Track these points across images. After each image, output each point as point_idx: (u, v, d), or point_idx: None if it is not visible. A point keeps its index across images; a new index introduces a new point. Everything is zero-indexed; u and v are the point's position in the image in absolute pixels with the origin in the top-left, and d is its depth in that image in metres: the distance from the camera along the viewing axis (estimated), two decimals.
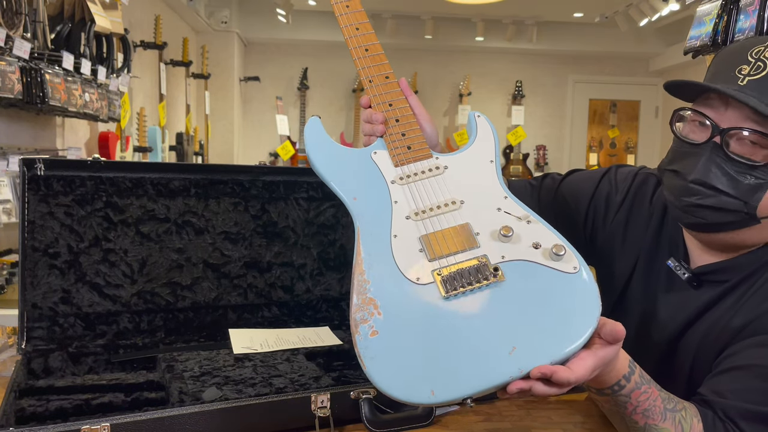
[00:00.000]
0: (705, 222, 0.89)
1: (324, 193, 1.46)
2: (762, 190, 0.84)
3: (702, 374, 0.90)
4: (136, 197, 1.30)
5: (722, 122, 0.85)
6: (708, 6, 1.84)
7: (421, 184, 0.89)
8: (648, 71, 7.04)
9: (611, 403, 0.82)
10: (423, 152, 0.93)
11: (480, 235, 0.83)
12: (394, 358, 0.73)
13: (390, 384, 0.71)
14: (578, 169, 1.22)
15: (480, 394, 0.71)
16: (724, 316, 0.91)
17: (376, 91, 0.98)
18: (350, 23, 1.01)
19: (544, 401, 1.13)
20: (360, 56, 0.99)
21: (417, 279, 0.78)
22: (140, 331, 1.29)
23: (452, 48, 6.85)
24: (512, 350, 0.72)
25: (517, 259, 0.79)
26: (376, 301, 0.76)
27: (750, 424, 0.81)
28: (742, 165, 0.84)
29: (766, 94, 0.82)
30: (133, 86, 3.96)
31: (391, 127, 0.95)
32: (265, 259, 1.42)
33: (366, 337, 0.74)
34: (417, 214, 0.85)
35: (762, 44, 0.86)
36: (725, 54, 0.91)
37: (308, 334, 1.34)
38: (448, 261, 0.80)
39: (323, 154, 0.93)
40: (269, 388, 1.05)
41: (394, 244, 0.82)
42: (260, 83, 6.49)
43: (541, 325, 0.74)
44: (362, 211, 0.86)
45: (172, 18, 5.11)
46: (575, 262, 0.78)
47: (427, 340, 0.74)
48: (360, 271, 0.79)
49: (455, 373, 0.71)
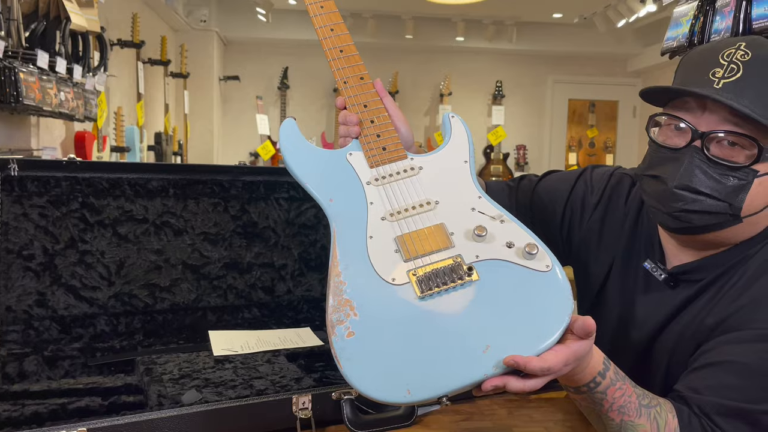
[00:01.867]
0: (692, 225, 0.90)
1: (305, 194, 1.44)
2: (744, 190, 0.85)
3: (679, 372, 0.91)
4: (114, 198, 1.29)
5: (700, 126, 0.86)
6: (684, 7, 1.86)
7: (396, 185, 0.89)
8: (626, 71, 7.12)
9: (588, 401, 0.83)
10: (398, 153, 0.93)
11: (455, 235, 0.84)
12: (370, 358, 0.73)
13: (366, 384, 0.72)
14: (555, 171, 1.23)
15: (455, 392, 0.72)
16: (699, 314, 0.92)
17: (351, 92, 0.98)
18: (325, 24, 1.01)
19: (525, 400, 1.14)
20: (335, 57, 0.99)
21: (393, 280, 0.79)
22: (118, 334, 1.28)
23: (433, 48, 6.86)
24: (486, 348, 0.73)
25: (491, 259, 0.81)
26: (352, 302, 0.77)
27: (725, 419, 0.82)
28: (723, 167, 0.85)
29: (742, 95, 0.83)
30: (110, 85, 3.91)
31: (366, 128, 0.95)
32: (245, 260, 1.41)
33: (342, 338, 0.74)
34: (392, 215, 0.86)
35: (732, 46, 0.86)
36: (695, 57, 0.92)
37: (289, 335, 1.33)
38: (423, 261, 0.80)
39: (298, 155, 0.93)
40: (250, 390, 1.04)
41: (369, 245, 0.83)
42: (240, 83, 6.44)
43: (515, 324, 0.75)
44: (338, 212, 0.87)
45: (149, 16, 5.05)
46: (548, 260, 0.80)
47: (403, 341, 0.75)
48: (336, 272, 0.80)
49: (431, 373, 0.72)
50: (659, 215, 0.93)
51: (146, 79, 4.65)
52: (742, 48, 0.85)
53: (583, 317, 0.74)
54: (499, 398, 1.14)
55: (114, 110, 4.08)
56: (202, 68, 5.99)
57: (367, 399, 0.72)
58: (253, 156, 6.56)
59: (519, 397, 1.15)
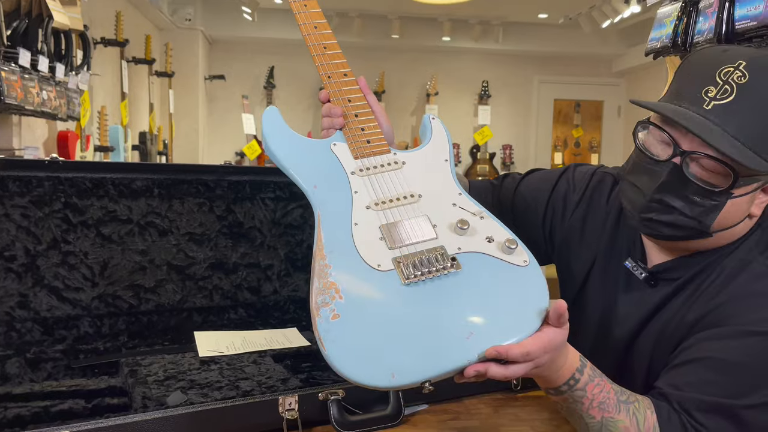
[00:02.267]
0: (661, 234, 0.92)
1: (291, 193, 1.45)
2: (716, 211, 0.87)
3: (660, 370, 0.92)
4: (97, 198, 1.27)
5: (684, 143, 0.86)
6: (668, 8, 1.88)
7: (381, 177, 0.91)
8: (611, 72, 7.17)
9: (569, 401, 0.84)
10: (382, 147, 0.96)
11: (437, 227, 0.86)
12: (354, 341, 0.74)
13: (350, 367, 0.72)
14: (538, 169, 1.24)
15: (439, 377, 0.73)
16: (679, 312, 0.94)
17: (336, 86, 1.00)
18: (308, 21, 1.04)
19: (512, 398, 1.14)
20: (319, 53, 1.01)
21: (378, 266, 0.80)
22: (102, 336, 1.26)
23: (419, 48, 6.86)
24: (469, 336, 0.75)
25: (472, 251, 0.83)
26: (337, 285, 0.78)
27: (705, 414, 0.83)
28: (699, 189, 0.86)
29: (729, 122, 0.82)
30: (93, 84, 3.87)
31: (350, 121, 0.97)
32: (231, 260, 1.40)
33: (327, 320, 0.75)
34: (377, 204, 0.87)
35: (732, 64, 0.84)
36: (694, 66, 0.90)
37: (276, 335, 1.32)
38: (408, 250, 0.82)
39: (281, 141, 0.94)
40: (236, 392, 1.03)
41: (354, 231, 0.84)
42: (226, 82, 6.40)
43: (495, 313, 0.77)
44: (323, 198, 0.88)
45: (133, 15, 5.00)
46: (525, 256, 0.83)
47: (388, 325, 0.76)
48: (321, 256, 0.81)
49: (415, 358, 0.73)
50: (632, 219, 0.95)
51: (130, 78, 4.61)
52: (741, 68, 0.84)
53: (554, 300, 0.77)
54: (485, 397, 1.14)
55: (97, 109, 4.04)
56: (188, 67, 5.95)
57: (355, 399, 0.72)
58: (238, 155, 6.53)
59: (505, 395, 1.15)
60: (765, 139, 0.83)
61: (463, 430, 1.02)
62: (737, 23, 1.56)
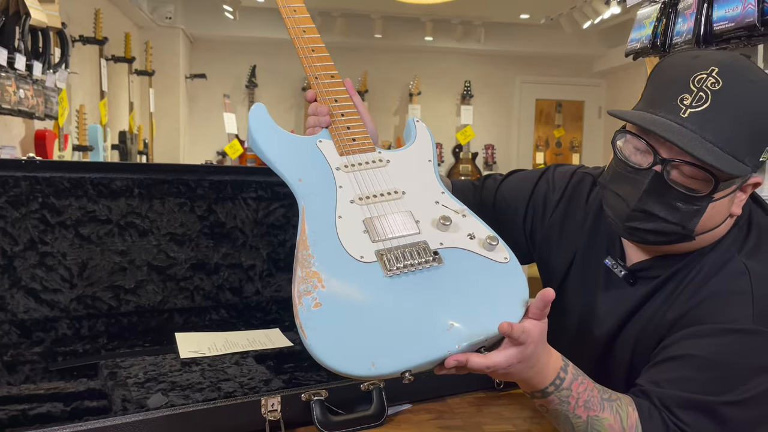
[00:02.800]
0: (647, 241, 0.93)
1: (273, 193, 1.44)
2: (699, 215, 0.88)
3: (640, 368, 0.93)
4: (75, 198, 1.25)
5: (663, 151, 0.87)
6: (648, 9, 1.90)
7: (365, 173, 0.93)
8: (591, 72, 7.23)
9: (555, 402, 0.84)
10: (367, 145, 0.97)
11: (420, 222, 0.87)
12: (336, 330, 0.74)
13: (330, 356, 0.73)
14: (519, 170, 1.25)
15: (419, 368, 0.74)
16: (659, 310, 0.95)
17: (323, 87, 1.02)
18: (297, 25, 1.07)
19: (495, 397, 1.15)
20: (307, 55, 1.04)
21: (361, 257, 0.81)
22: (80, 338, 1.25)
23: (402, 48, 6.86)
24: (450, 327, 0.76)
25: (454, 247, 0.85)
26: (320, 274, 0.79)
27: (685, 411, 0.84)
28: (681, 195, 0.87)
29: (706, 129, 0.83)
30: (71, 83, 3.81)
31: (336, 120, 0.99)
32: (213, 261, 1.39)
33: (309, 308, 0.75)
34: (361, 199, 0.89)
35: (705, 71, 0.85)
36: (666, 73, 0.91)
37: (258, 336, 1.31)
38: (391, 243, 0.84)
39: (267, 136, 0.96)
40: (218, 393, 1.03)
41: (338, 224, 0.85)
42: (207, 81, 6.34)
43: (476, 308, 0.79)
44: (307, 191, 0.89)
45: (112, 12, 4.94)
46: (506, 253, 0.85)
47: (369, 315, 0.77)
48: (305, 246, 0.82)
49: (395, 348, 0.74)
50: (615, 227, 0.96)
51: (110, 76, 4.55)
52: (714, 75, 0.85)
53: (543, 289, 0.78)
54: (468, 396, 1.14)
55: (76, 108, 3.99)
56: (168, 66, 5.88)
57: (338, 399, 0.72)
58: (220, 155, 6.48)
59: (487, 394, 1.15)
60: (742, 143, 0.85)
61: (446, 429, 1.03)
62: (715, 24, 1.58)
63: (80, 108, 3.98)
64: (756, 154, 0.87)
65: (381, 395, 1.02)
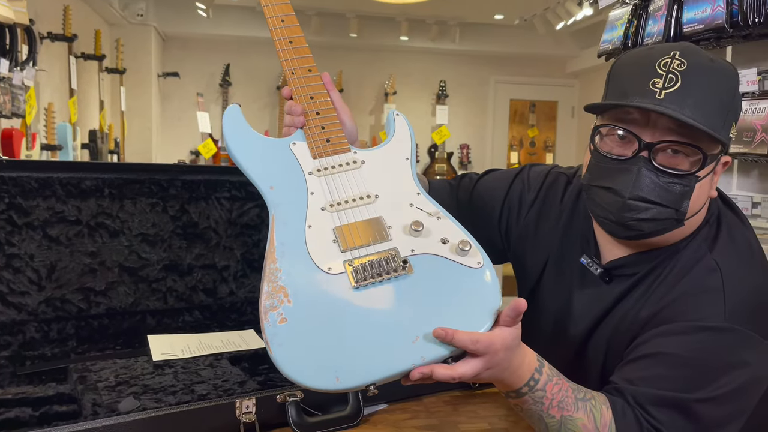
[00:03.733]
0: (642, 233, 0.92)
1: (247, 193, 1.42)
2: (688, 196, 0.89)
3: (614, 366, 0.94)
4: (43, 198, 1.22)
5: (645, 136, 0.88)
6: (619, 11, 1.92)
7: (338, 177, 0.91)
8: (564, 73, 7.32)
9: (530, 402, 0.84)
10: (341, 146, 0.94)
11: (392, 228, 0.85)
12: (301, 345, 0.74)
13: (296, 370, 0.73)
14: (494, 169, 1.26)
15: (383, 381, 0.74)
16: (633, 308, 0.96)
17: (299, 83, 0.98)
18: (276, 14, 1.01)
19: (470, 395, 1.15)
20: (284, 48, 0.99)
21: (329, 269, 0.80)
22: (49, 341, 1.22)
23: (377, 47, 6.86)
24: (416, 339, 0.75)
25: (425, 253, 0.83)
26: (286, 289, 0.77)
27: (658, 408, 0.85)
28: (670, 175, 0.88)
29: (684, 105, 0.85)
30: (39, 80, 3.73)
31: (311, 119, 0.96)
32: (186, 262, 1.37)
33: (275, 324, 0.75)
34: (332, 206, 0.87)
35: (667, 55, 0.88)
36: (630, 65, 0.93)
37: (232, 337, 1.30)
38: (360, 252, 0.82)
39: (241, 141, 0.93)
40: (191, 396, 1.01)
41: (307, 234, 0.83)
42: (180, 79, 6.27)
43: (445, 316, 0.77)
44: (278, 200, 0.87)
45: (82, 9, 4.85)
46: (479, 257, 0.83)
47: (335, 329, 0.76)
48: (272, 259, 0.80)
49: (360, 361, 0.74)
50: (609, 225, 0.94)
51: (79, 74, 4.46)
52: (677, 57, 0.88)
53: (513, 298, 0.77)
54: (444, 395, 1.15)
55: (44, 106, 3.90)
56: (140, 64, 5.80)
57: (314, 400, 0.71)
58: (193, 154, 6.40)
59: (463, 393, 1.16)
60: (717, 117, 0.87)
61: (422, 428, 1.03)
62: (685, 26, 1.61)
63: (49, 106, 3.89)
64: (727, 128, 0.89)
65: (357, 396, 1.02)
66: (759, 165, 1.62)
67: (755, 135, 1.46)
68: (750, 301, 0.89)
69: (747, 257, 0.94)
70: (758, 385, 0.89)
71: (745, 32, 1.47)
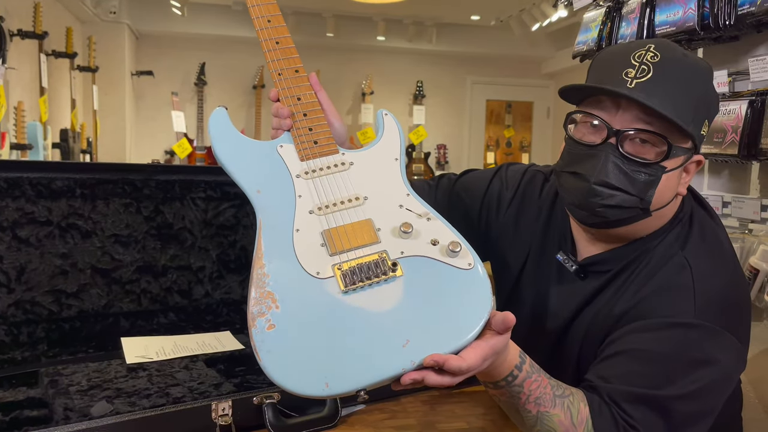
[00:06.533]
0: (607, 220, 0.94)
1: (223, 193, 1.41)
2: (653, 186, 0.91)
3: (588, 361, 0.95)
4: (12, 199, 1.20)
5: (615, 123, 0.90)
6: (593, 13, 1.95)
7: (326, 179, 0.89)
8: (540, 74, 7.39)
9: (507, 395, 0.85)
10: (329, 148, 0.93)
11: (381, 231, 0.84)
12: (289, 351, 0.73)
13: (285, 377, 0.72)
14: (473, 169, 1.27)
15: (373, 386, 0.73)
16: (607, 305, 0.97)
17: (285, 84, 0.97)
18: (262, 15, 1.00)
19: (448, 395, 1.15)
20: (271, 48, 0.98)
21: (317, 273, 0.79)
22: (19, 344, 1.19)
23: (354, 47, 6.85)
24: (406, 343, 0.74)
25: (415, 255, 0.82)
26: (274, 294, 0.76)
27: (632, 405, 0.86)
28: (636, 163, 0.90)
29: (653, 95, 0.88)
30: (9, 78, 3.65)
31: (298, 121, 0.95)
32: (160, 263, 1.35)
33: (263, 330, 0.74)
34: (320, 209, 0.85)
35: (642, 48, 0.92)
36: (606, 57, 0.97)
37: (208, 339, 1.28)
38: (349, 256, 0.81)
39: (228, 144, 0.91)
40: (166, 399, 1.00)
41: (295, 238, 0.82)
42: (154, 78, 6.18)
43: (435, 319, 0.76)
44: (265, 204, 0.85)
45: (52, 6, 4.76)
46: (470, 258, 0.82)
47: (324, 334, 0.75)
48: (260, 264, 0.79)
49: (349, 367, 0.73)
50: (576, 212, 0.97)
51: (50, 72, 4.38)
52: (651, 50, 0.91)
53: (504, 313, 0.76)
54: (422, 394, 1.15)
55: (14, 105, 3.82)
56: (113, 62, 5.70)
57: (291, 402, 0.71)
58: (168, 154, 6.32)
59: (440, 392, 1.16)
60: (686, 110, 0.89)
61: (400, 428, 1.02)
62: (657, 28, 1.63)
63: (18, 105, 3.81)
64: (698, 124, 0.91)
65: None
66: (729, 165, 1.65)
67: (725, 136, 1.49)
68: (719, 298, 0.91)
69: (718, 255, 0.96)
70: (728, 382, 0.91)
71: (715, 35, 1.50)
